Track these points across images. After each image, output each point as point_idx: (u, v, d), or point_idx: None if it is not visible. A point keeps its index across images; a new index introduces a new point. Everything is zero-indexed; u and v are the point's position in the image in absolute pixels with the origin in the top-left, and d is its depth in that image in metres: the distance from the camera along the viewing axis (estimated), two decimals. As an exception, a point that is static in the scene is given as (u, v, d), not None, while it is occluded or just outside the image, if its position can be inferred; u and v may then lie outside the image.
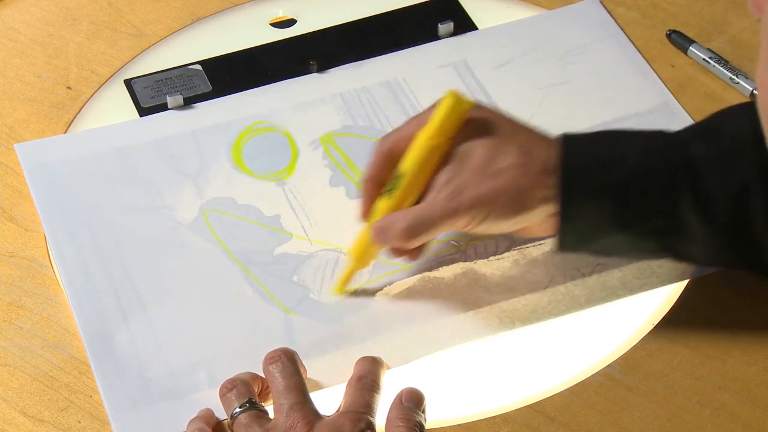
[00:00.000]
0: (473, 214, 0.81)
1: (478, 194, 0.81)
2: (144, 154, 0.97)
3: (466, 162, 0.82)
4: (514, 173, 0.81)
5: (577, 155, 0.81)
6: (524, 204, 0.81)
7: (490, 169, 0.81)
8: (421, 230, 0.82)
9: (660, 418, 0.82)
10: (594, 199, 0.81)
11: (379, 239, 0.84)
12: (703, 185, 0.79)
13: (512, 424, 0.81)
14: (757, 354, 0.85)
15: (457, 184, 0.82)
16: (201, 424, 0.79)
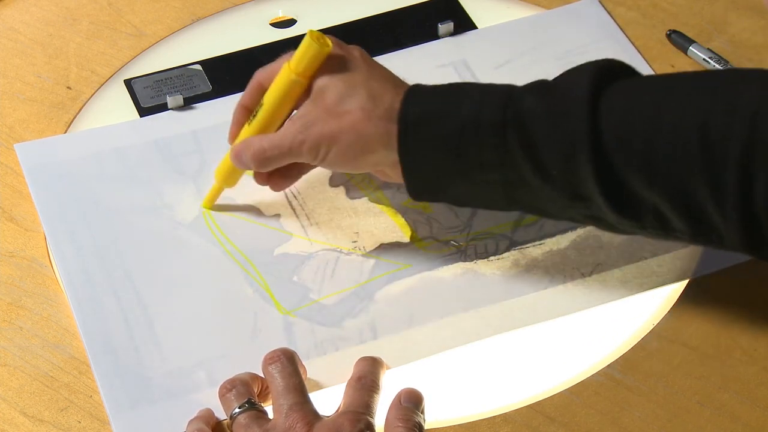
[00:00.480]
0: (317, 149, 0.85)
1: (323, 131, 0.85)
2: (144, 154, 0.97)
3: (320, 99, 0.86)
4: (357, 116, 0.84)
5: (417, 106, 0.83)
6: (365, 147, 0.84)
7: (337, 109, 0.85)
8: (270, 156, 0.87)
9: (660, 418, 0.82)
10: (429, 150, 0.83)
11: (236, 161, 0.89)
12: (532, 140, 0.80)
13: (512, 424, 0.81)
14: (757, 354, 0.85)
15: (308, 119, 0.85)
16: (201, 424, 0.79)
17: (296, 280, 0.89)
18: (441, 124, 0.82)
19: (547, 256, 0.90)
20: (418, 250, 0.91)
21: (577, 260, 0.90)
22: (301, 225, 0.92)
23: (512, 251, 0.91)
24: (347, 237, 0.92)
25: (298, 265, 0.90)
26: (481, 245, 0.91)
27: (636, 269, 0.89)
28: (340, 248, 0.91)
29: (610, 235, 0.91)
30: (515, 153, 0.80)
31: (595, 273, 0.89)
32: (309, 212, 0.93)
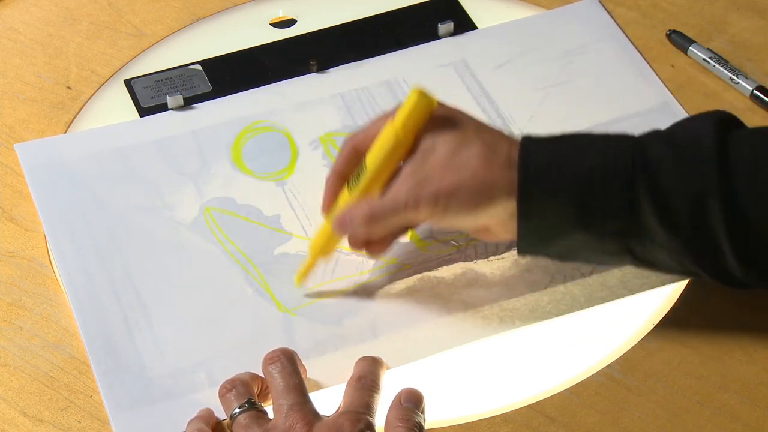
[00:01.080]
0: (434, 206, 0.82)
1: (440, 186, 0.81)
2: (144, 154, 0.97)
3: (430, 155, 0.82)
4: (476, 166, 0.81)
5: (537, 153, 0.81)
6: (486, 197, 0.81)
7: (454, 163, 0.82)
8: (382, 218, 0.83)
9: (660, 418, 0.82)
10: (552, 197, 0.81)
11: (340, 228, 0.85)
12: (661, 187, 0.79)
13: (512, 424, 0.81)
14: (757, 354, 0.85)
15: (421, 176, 0.82)
16: (200, 425, 0.79)
17: (296, 280, 0.89)
18: (566, 171, 0.80)
19: (547, 256, 0.90)
20: (418, 250, 0.91)
21: (577, 260, 0.90)
22: (301, 225, 0.92)
23: (512, 251, 0.91)
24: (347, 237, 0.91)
25: (298, 264, 0.90)
26: (481, 245, 0.91)
27: (636, 269, 0.89)
28: (340, 248, 0.91)
29: (610, 235, 0.91)
30: (642, 201, 0.79)
31: (595, 273, 0.89)
32: (309, 212, 0.93)
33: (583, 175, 0.80)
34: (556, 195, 0.80)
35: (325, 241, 0.87)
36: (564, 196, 0.80)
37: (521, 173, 0.81)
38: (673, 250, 0.81)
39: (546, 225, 0.82)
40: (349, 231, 0.85)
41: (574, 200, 0.80)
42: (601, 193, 0.80)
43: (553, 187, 0.80)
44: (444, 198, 0.81)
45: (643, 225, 0.80)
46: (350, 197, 0.85)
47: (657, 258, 0.82)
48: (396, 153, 0.84)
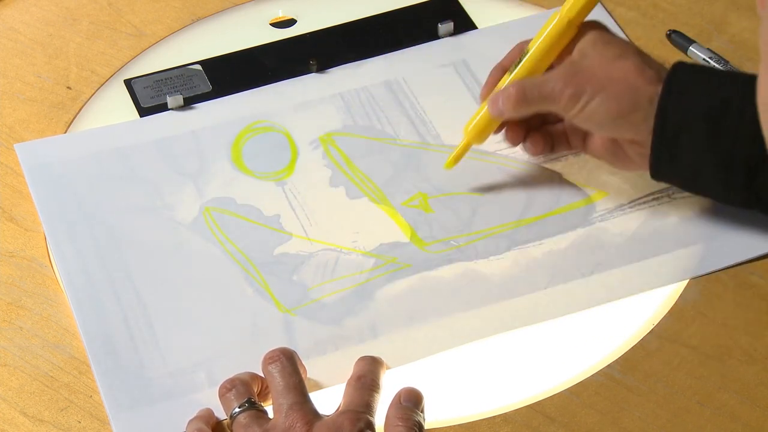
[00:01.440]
0: (579, 96, 0.85)
1: (593, 76, 0.85)
2: (144, 154, 0.97)
3: (589, 56, 0.87)
4: (630, 72, 0.85)
5: (683, 74, 0.84)
6: (631, 102, 0.85)
7: (610, 65, 0.85)
8: (530, 97, 0.87)
9: (660, 418, 0.82)
10: (688, 116, 0.83)
11: (493, 106, 0.89)
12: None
13: (512, 424, 0.81)
14: (757, 354, 0.85)
15: (575, 69, 0.86)
16: (200, 424, 0.79)
17: (296, 279, 0.89)
18: (703, 95, 0.83)
19: (547, 256, 0.90)
20: (418, 250, 0.91)
21: (577, 260, 0.90)
22: (301, 225, 0.93)
23: (512, 251, 0.91)
24: (347, 237, 0.92)
25: (298, 264, 0.90)
26: (481, 245, 0.91)
27: (636, 269, 0.89)
28: (340, 248, 0.91)
29: (610, 235, 0.91)
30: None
31: (595, 273, 0.89)
32: (309, 212, 0.93)
33: (717, 102, 0.83)
34: (692, 117, 0.83)
35: (480, 126, 0.91)
36: (699, 117, 0.83)
37: (665, 88, 0.84)
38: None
39: (680, 142, 0.84)
40: (501, 108, 0.88)
41: (708, 122, 0.83)
42: (733, 119, 0.83)
43: (689, 110, 0.83)
44: (589, 93, 0.85)
45: None
46: (506, 80, 0.89)
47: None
48: (559, 40, 0.88)
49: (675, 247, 0.91)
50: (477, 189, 0.95)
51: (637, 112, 0.85)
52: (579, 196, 0.94)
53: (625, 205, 0.93)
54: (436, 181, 0.95)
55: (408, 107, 1.00)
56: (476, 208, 0.93)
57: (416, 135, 0.98)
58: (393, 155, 0.97)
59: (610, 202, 0.94)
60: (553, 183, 0.95)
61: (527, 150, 0.93)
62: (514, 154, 0.97)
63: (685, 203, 0.93)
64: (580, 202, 0.94)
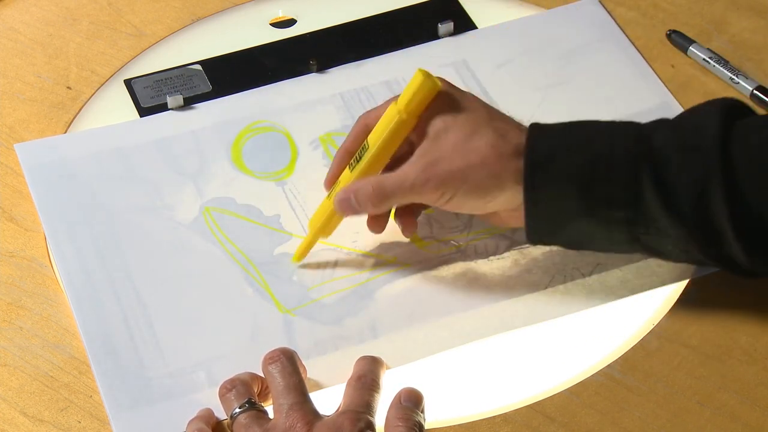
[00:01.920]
0: (444, 189, 0.83)
1: (450, 169, 0.82)
2: (144, 154, 0.97)
3: (442, 139, 0.83)
4: (487, 153, 0.82)
5: (543, 141, 0.82)
6: (494, 184, 0.82)
7: (465, 148, 0.82)
8: (390, 195, 0.84)
9: (660, 418, 0.82)
10: (557, 186, 0.81)
11: (342, 205, 0.86)
12: (665, 176, 0.80)
13: (512, 424, 0.81)
14: (757, 354, 0.85)
15: (432, 158, 0.83)
16: (200, 425, 0.79)
17: (296, 279, 0.89)
18: (571, 160, 0.81)
19: (547, 256, 0.90)
20: (418, 250, 0.91)
21: (577, 260, 0.90)
22: (301, 225, 0.92)
23: (512, 251, 0.91)
24: (347, 237, 0.91)
25: (298, 264, 0.90)
26: (481, 245, 0.91)
27: (636, 269, 0.89)
28: (340, 248, 0.91)
29: (610, 235, 0.91)
30: (647, 189, 0.80)
31: (595, 273, 0.89)
32: (309, 212, 0.93)
33: (587, 164, 0.81)
34: (561, 184, 0.81)
35: (326, 219, 0.88)
36: (569, 185, 0.81)
37: (527, 162, 0.82)
38: (678, 238, 0.81)
39: (553, 213, 0.82)
40: (353, 209, 0.85)
41: (579, 189, 0.81)
42: (604, 182, 0.81)
43: (558, 177, 0.81)
44: (453, 182, 0.82)
45: (647, 214, 0.81)
46: (350, 177, 0.86)
47: (664, 246, 0.83)
48: (398, 134, 0.84)
49: (675, 247, 0.91)
50: (477, 189, 0.95)
51: (504, 193, 0.83)
52: (579, 196, 0.94)
53: (625, 205, 0.93)
54: (436, 181, 0.95)
55: (408, 107, 1.00)
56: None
57: (416, 135, 0.98)
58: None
59: (610, 202, 0.94)
60: (553, 183, 0.95)
61: (404, 234, 0.90)
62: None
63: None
64: (580, 202, 0.94)
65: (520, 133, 0.83)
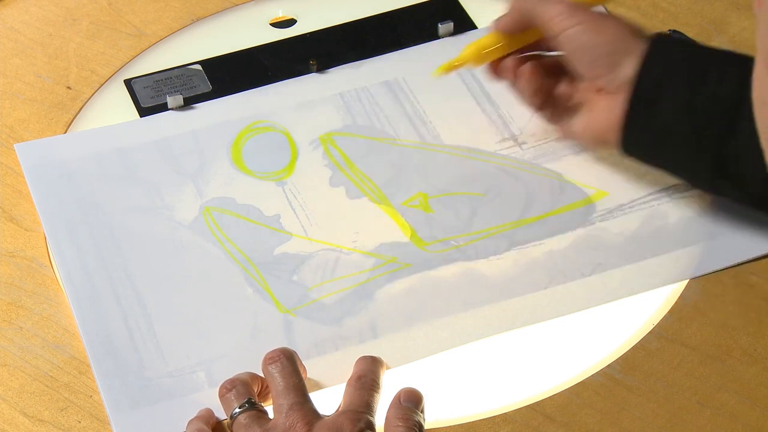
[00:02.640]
0: (573, 16, 0.88)
1: (588, 14, 0.89)
2: (144, 154, 0.97)
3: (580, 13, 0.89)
4: (622, 24, 0.89)
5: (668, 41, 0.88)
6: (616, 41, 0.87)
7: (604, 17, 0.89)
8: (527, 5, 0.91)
9: (660, 418, 0.82)
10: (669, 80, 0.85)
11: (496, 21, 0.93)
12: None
13: (512, 424, 0.81)
14: (757, 354, 0.85)
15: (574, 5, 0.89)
16: (200, 425, 0.79)
17: (296, 279, 0.89)
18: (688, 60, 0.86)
19: (547, 256, 0.90)
20: (418, 250, 0.91)
21: (577, 260, 0.90)
22: (301, 225, 0.93)
23: (512, 251, 0.91)
24: (347, 237, 0.92)
25: (298, 264, 0.90)
26: (481, 245, 0.91)
27: (636, 269, 0.89)
28: (340, 248, 0.91)
29: (610, 235, 0.91)
30: (744, 128, 0.82)
31: (595, 273, 0.89)
32: (309, 212, 0.93)
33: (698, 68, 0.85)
34: (674, 73, 0.85)
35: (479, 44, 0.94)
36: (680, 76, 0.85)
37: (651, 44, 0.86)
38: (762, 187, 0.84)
39: (657, 98, 0.86)
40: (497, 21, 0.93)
41: (685, 96, 0.84)
42: (709, 88, 0.84)
43: (671, 67, 0.86)
44: (580, 19, 0.88)
45: (738, 148, 0.83)
46: None
47: (748, 187, 0.85)
48: None
49: (675, 247, 0.91)
50: (477, 189, 0.95)
51: (617, 55, 0.87)
52: (579, 196, 0.94)
53: (625, 205, 0.93)
54: (436, 181, 0.95)
55: (408, 107, 1.00)
56: (476, 208, 0.93)
57: (416, 135, 0.98)
58: (393, 155, 0.97)
59: (610, 202, 0.94)
60: (553, 183, 0.95)
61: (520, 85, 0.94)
62: (514, 154, 0.97)
63: (685, 203, 0.93)
64: (580, 202, 0.94)
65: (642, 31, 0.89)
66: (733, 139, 0.84)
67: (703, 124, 0.85)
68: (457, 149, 0.97)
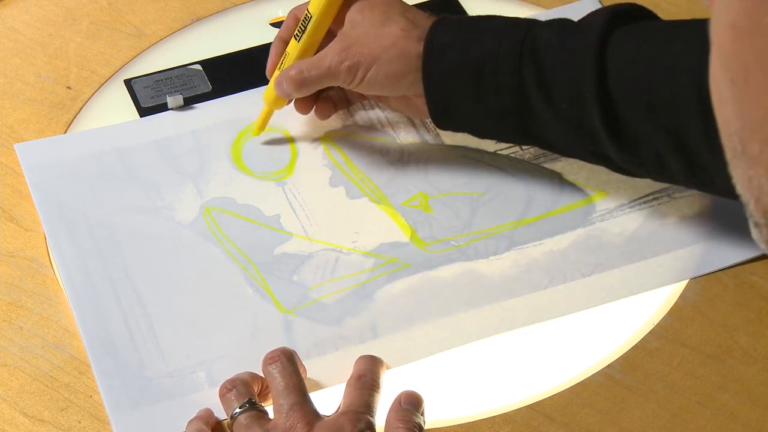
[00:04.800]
0: (356, 69, 0.89)
1: (363, 50, 0.89)
2: (144, 154, 0.97)
3: (358, 25, 0.91)
4: (398, 35, 0.89)
5: (443, 33, 0.88)
6: (404, 65, 0.89)
7: (378, 33, 0.89)
8: (308, 77, 0.91)
9: (660, 418, 0.82)
10: (452, 74, 0.88)
11: (278, 89, 0.93)
12: (546, 74, 0.85)
13: (512, 424, 0.81)
14: (757, 354, 0.85)
15: (348, 42, 0.90)
16: (200, 425, 0.79)
17: (296, 279, 0.89)
18: (464, 52, 0.87)
19: (547, 256, 0.90)
20: (418, 250, 0.91)
21: (577, 260, 0.90)
22: (301, 225, 0.93)
23: (512, 251, 0.91)
24: (347, 237, 0.92)
25: (298, 264, 0.90)
26: (481, 245, 0.91)
27: (636, 269, 0.89)
28: (340, 248, 0.91)
29: (610, 235, 0.91)
30: (530, 84, 0.85)
31: (595, 273, 0.89)
32: (309, 212, 0.93)
33: (477, 58, 0.87)
34: (455, 72, 0.88)
35: (274, 96, 0.95)
36: (462, 75, 0.87)
37: (426, 49, 0.88)
38: (558, 132, 0.86)
39: (449, 100, 0.89)
40: (284, 92, 0.93)
41: (471, 80, 0.87)
42: (492, 75, 0.87)
43: (451, 66, 0.88)
44: (364, 65, 0.89)
45: (531, 106, 0.86)
46: (296, 47, 0.93)
47: (554, 140, 0.88)
48: (329, 9, 0.92)
49: (675, 247, 0.91)
50: (477, 189, 0.95)
51: (410, 74, 0.89)
52: (579, 196, 0.94)
53: (625, 205, 0.93)
54: (436, 181, 0.95)
55: (408, 107, 1.00)
56: (476, 208, 0.93)
57: (416, 135, 0.98)
58: (393, 155, 0.97)
59: (610, 202, 0.94)
60: (553, 183, 0.95)
61: (317, 116, 0.97)
62: (514, 153, 0.97)
63: (685, 203, 0.93)
64: (580, 202, 0.94)
65: (428, 21, 0.90)
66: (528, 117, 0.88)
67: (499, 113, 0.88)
68: (457, 149, 0.97)
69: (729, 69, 0.51)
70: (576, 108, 0.84)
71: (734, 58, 0.50)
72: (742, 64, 0.50)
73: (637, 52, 0.83)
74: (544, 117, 0.86)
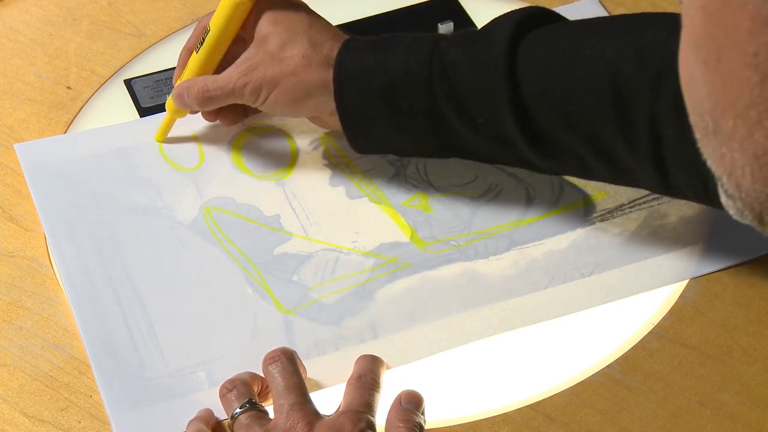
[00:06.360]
0: (258, 92, 0.90)
1: (265, 75, 0.90)
2: (144, 154, 0.97)
3: (263, 45, 0.91)
4: (298, 62, 0.89)
5: (351, 59, 0.89)
6: (304, 92, 0.90)
7: (280, 55, 0.90)
8: (213, 96, 0.92)
9: (660, 418, 0.82)
10: (366, 100, 0.88)
11: (178, 100, 0.94)
12: (458, 91, 0.85)
13: (512, 424, 0.81)
14: (757, 354, 0.85)
15: (251, 63, 0.90)
16: (200, 425, 0.79)
17: (296, 279, 0.89)
18: (374, 78, 0.87)
19: (547, 256, 0.90)
20: (418, 250, 0.91)
21: (577, 260, 0.90)
22: (301, 225, 0.93)
23: (512, 251, 0.91)
24: (347, 237, 0.92)
25: (298, 264, 0.90)
26: (481, 245, 0.91)
27: (636, 269, 0.89)
28: (340, 248, 0.91)
29: (610, 235, 0.91)
30: (442, 102, 0.86)
31: (595, 273, 0.89)
32: (309, 212, 0.93)
33: (388, 82, 0.87)
34: (369, 98, 0.88)
35: (176, 108, 0.95)
36: (376, 100, 0.88)
37: (335, 78, 0.89)
38: (480, 144, 0.87)
39: (366, 125, 0.89)
40: (185, 105, 0.93)
41: (385, 104, 0.88)
42: (405, 96, 0.87)
43: (364, 93, 0.88)
44: (266, 89, 0.90)
45: (449, 124, 0.86)
46: (196, 59, 0.93)
47: (477, 151, 0.89)
48: (236, 16, 0.91)
49: (675, 247, 0.91)
50: (477, 189, 0.95)
51: (312, 99, 0.90)
52: (579, 196, 0.94)
53: (625, 205, 0.93)
54: (436, 181, 0.95)
55: (408, 107, 1.00)
56: (476, 208, 0.93)
57: (416, 135, 0.98)
58: (393, 155, 0.96)
59: (610, 202, 0.94)
60: (553, 183, 0.95)
61: (222, 123, 0.97)
62: (514, 154, 0.97)
63: (685, 203, 0.93)
64: (580, 202, 0.94)
65: (333, 44, 0.90)
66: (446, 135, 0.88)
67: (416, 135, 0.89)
68: (457, 149, 0.97)
69: (701, 50, 0.51)
70: (493, 120, 0.85)
71: (706, 39, 0.51)
72: (714, 43, 0.50)
73: (547, 61, 0.83)
74: (463, 132, 0.87)
